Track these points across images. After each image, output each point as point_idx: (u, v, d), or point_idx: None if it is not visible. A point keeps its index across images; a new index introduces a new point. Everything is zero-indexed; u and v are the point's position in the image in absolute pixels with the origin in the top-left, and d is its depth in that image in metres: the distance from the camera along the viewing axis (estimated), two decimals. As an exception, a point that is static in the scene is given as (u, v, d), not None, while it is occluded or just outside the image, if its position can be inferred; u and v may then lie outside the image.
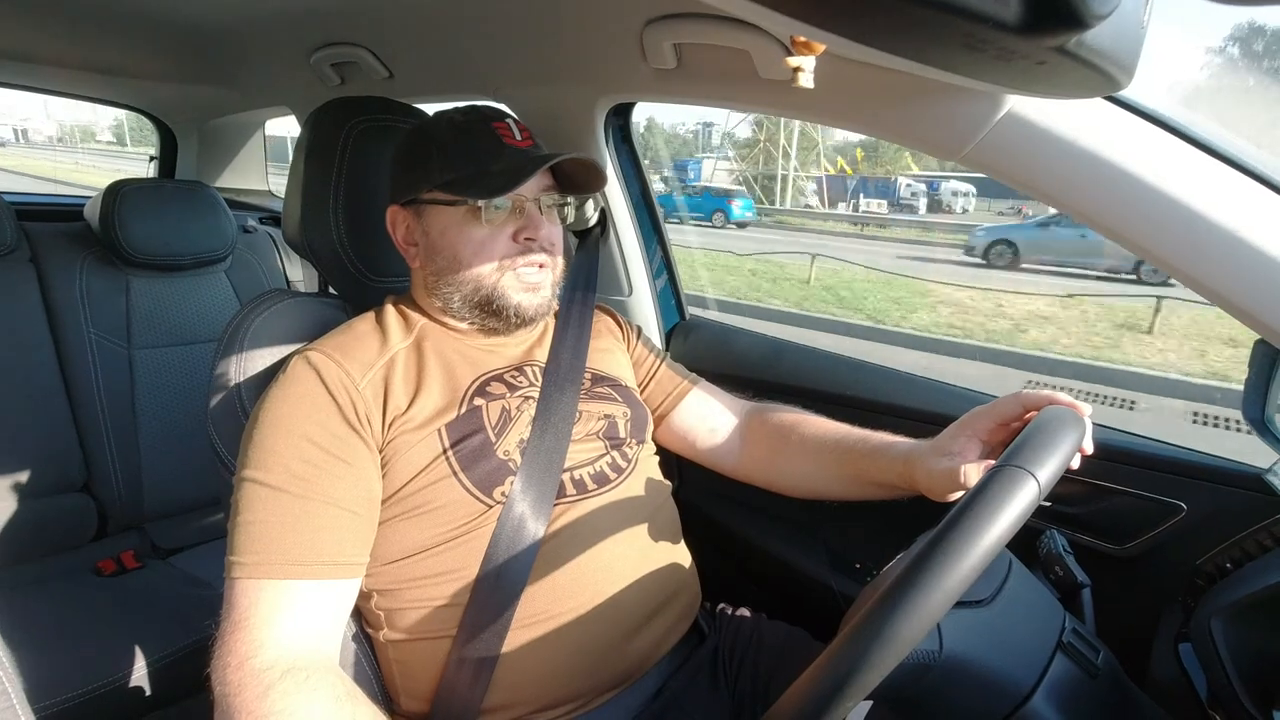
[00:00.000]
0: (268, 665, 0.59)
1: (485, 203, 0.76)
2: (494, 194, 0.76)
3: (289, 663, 0.60)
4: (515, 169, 0.76)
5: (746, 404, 1.01)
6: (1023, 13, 0.35)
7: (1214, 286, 0.65)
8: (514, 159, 0.78)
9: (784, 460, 0.92)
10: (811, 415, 0.94)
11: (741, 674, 0.86)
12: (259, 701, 0.57)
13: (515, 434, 0.77)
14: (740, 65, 0.86)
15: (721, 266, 10.19)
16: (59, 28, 1.48)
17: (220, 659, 0.60)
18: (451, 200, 0.78)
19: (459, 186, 0.77)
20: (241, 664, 0.59)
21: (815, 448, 0.89)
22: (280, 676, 0.59)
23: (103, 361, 1.53)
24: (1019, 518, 0.46)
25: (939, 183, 26.74)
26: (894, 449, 0.81)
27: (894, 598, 0.44)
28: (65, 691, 1.08)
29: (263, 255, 1.87)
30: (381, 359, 0.76)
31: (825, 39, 0.57)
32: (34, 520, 1.42)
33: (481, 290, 0.80)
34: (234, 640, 0.61)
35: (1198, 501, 0.82)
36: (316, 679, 0.61)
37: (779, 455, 0.93)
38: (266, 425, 0.69)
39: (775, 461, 0.93)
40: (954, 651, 0.54)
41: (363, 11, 1.19)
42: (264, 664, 0.59)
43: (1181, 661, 0.70)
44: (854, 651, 0.44)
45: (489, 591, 0.72)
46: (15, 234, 1.46)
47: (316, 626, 0.65)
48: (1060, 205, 0.71)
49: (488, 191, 0.76)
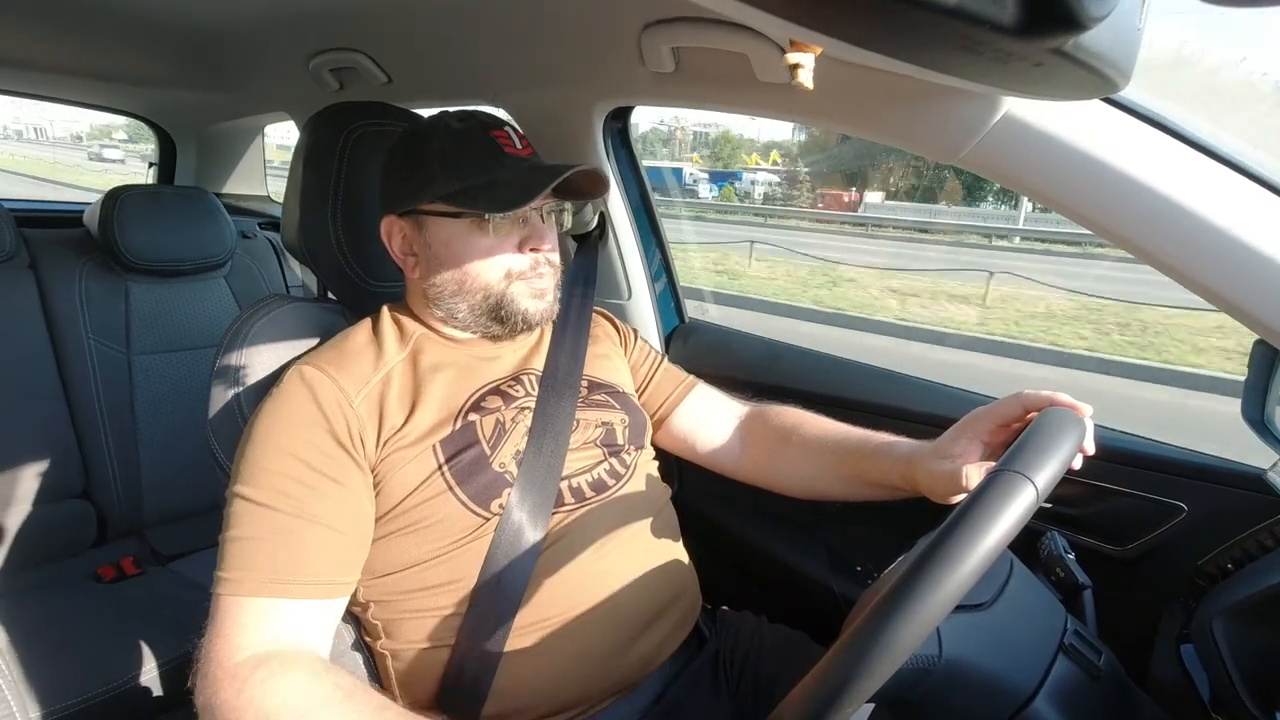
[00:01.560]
0: (246, 662, 0.60)
1: (491, 215, 0.76)
2: (506, 208, 0.74)
3: (265, 656, 0.60)
4: (523, 182, 0.75)
5: (746, 405, 1.01)
6: (1019, 15, 0.35)
7: (1212, 287, 0.65)
8: (518, 170, 0.77)
9: (784, 461, 0.92)
10: (812, 415, 0.94)
11: (743, 678, 0.86)
12: (237, 695, 0.57)
13: (511, 446, 0.77)
14: (738, 68, 0.86)
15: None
16: (57, 34, 1.48)
17: (201, 667, 0.60)
18: (456, 212, 0.77)
19: (465, 199, 0.76)
20: (220, 665, 0.59)
21: (816, 449, 0.89)
22: (255, 667, 0.59)
23: (102, 367, 1.53)
24: (1016, 524, 0.46)
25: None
26: (895, 450, 0.81)
27: (891, 605, 0.44)
28: (66, 698, 1.08)
29: (262, 261, 1.87)
30: (377, 374, 0.76)
31: (822, 42, 0.57)
32: (34, 526, 1.42)
33: (490, 299, 0.79)
34: (213, 649, 0.61)
35: (1198, 502, 0.82)
36: (291, 660, 0.61)
37: (779, 456, 0.92)
38: (258, 441, 0.69)
39: (776, 462, 0.93)
40: (954, 656, 0.53)
41: (361, 17, 1.19)
42: (242, 662, 0.60)
43: (1183, 662, 0.69)
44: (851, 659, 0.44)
45: (488, 601, 0.72)
46: (14, 240, 1.46)
47: (299, 639, 0.64)
48: (1058, 207, 0.71)
49: (498, 205, 0.74)
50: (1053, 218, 14.32)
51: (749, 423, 0.98)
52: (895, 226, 18.39)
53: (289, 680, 0.59)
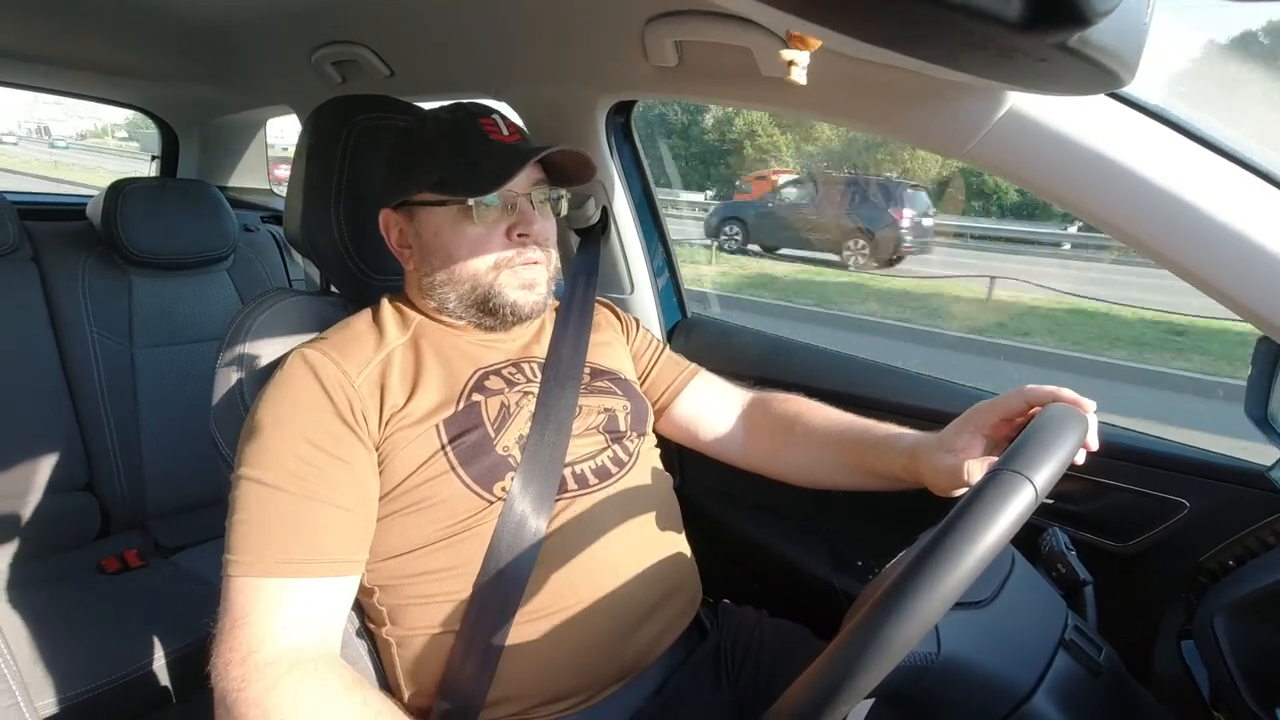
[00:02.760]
0: (272, 660, 0.60)
1: (476, 201, 0.76)
2: (482, 191, 0.75)
3: (295, 657, 0.61)
4: (502, 165, 0.76)
5: (749, 393, 1.01)
6: (1025, 10, 0.35)
7: (1217, 283, 0.64)
8: (501, 155, 0.77)
9: (787, 450, 0.92)
10: (816, 404, 0.93)
11: (743, 671, 0.86)
12: (267, 695, 0.57)
13: (515, 430, 0.77)
14: (742, 62, 0.86)
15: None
16: (60, 27, 1.48)
17: (220, 656, 0.60)
18: (442, 200, 0.78)
19: (447, 186, 0.77)
20: (244, 659, 0.59)
21: (820, 439, 0.89)
22: (288, 670, 0.59)
23: (105, 360, 1.53)
24: (1014, 524, 0.46)
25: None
26: (899, 442, 0.81)
27: (886, 605, 0.44)
28: (70, 690, 1.09)
29: (264, 254, 1.87)
30: (378, 355, 0.76)
31: (826, 36, 0.57)
32: (38, 519, 1.43)
33: (478, 290, 0.80)
34: (234, 638, 0.61)
35: (1200, 498, 0.82)
36: (325, 670, 0.61)
37: (782, 445, 0.92)
38: (263, 424, 0.69)
39: (778, 451, 0.93)
40: (952, 653, 0.53)
41: (364, 10, 1.19)
42: (268, 659, 0.60)
43: (1184, 659, 0.69)
44: (846, 658, 0.44)
45: (492, 587, 0.72)
46: (18, 233, 1.46)
47: (317, 622, 0.65)
48: (1063, 203, 0.71)
49: (475, 189, 0.76)
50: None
51: (751, 411, 0.98)
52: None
53: (324, 691, 0.60)
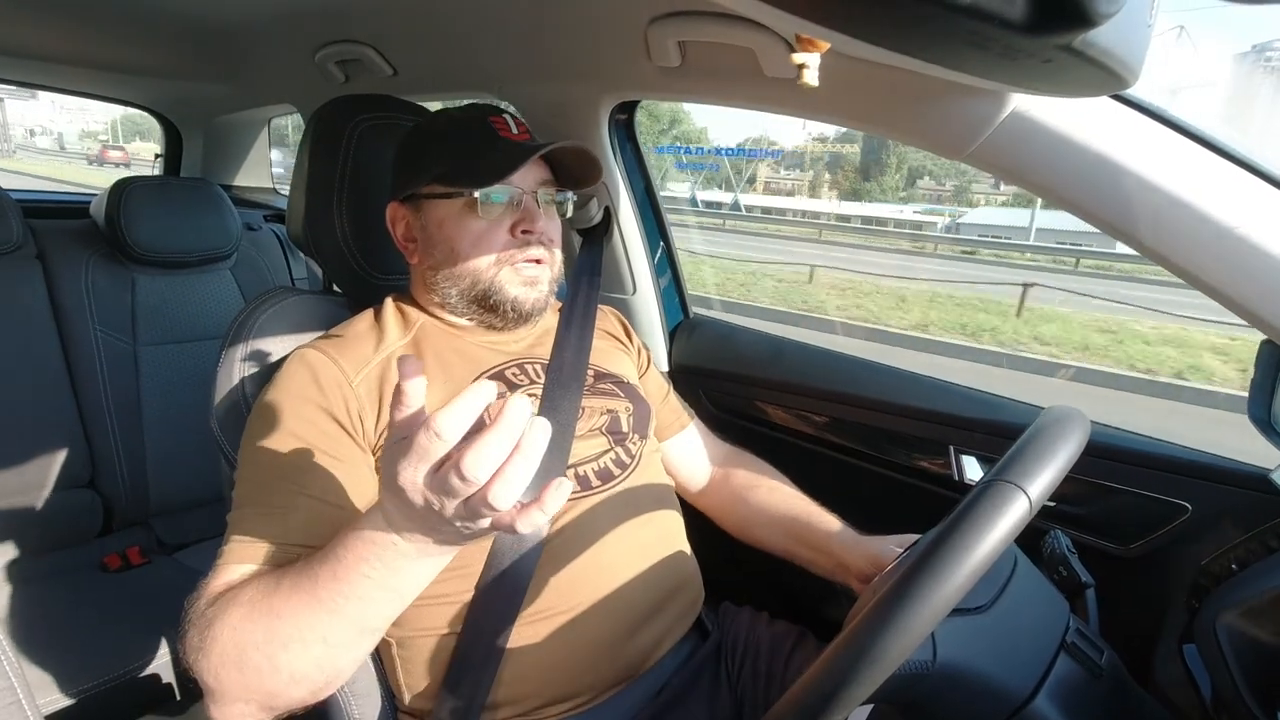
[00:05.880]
0: (205, 600, 0.59)
1: (482, 195, 0.77)
2: (487, 182, 0.76)
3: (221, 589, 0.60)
4: (508, 159, 0.77)
5: (723, 450, 1.07)
6: (1029, 11, 0.34)
7: (1220, 287, 0.64)
8: (508, 151, 0.78)
9: (737, 519, 1.01)
10: (770, 480, 1.00)
11: (744, 672, 0.86)
12: (199, 636, 0.56)
13: None
14: (745, 63, 0.86)
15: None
16: (64, 25, 1.49)
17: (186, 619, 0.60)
18: (448, 193, 0.78)
19: (453, 178, 0.78)
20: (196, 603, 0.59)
21: (765, 520, 0.97)
22: (212, 602, 0.58)
23: (108, 358, 1.53)
24: (1007, 536, 0.46)
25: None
26: (830, 544, 0.88)
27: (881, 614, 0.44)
28: (72, 686, 1.09)
29: (267, 253, 1.88)
30: (378, 357, 0.77)
31: (830, 37, 0.57)
32: (40, 516, 1.43)
33: (479, 284, 0.80)
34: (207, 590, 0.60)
35: (1203, 502, 0.82)
36: (239, 584, 0.59)
37: (733, 515, 1.02)
38: (261, 422, 0.70)
39: (730, 518, 1.02)
40: (949, 659, 0.53)
41: (367, 9, 1.19)
42: (204, 601, 0.59)
43: (1186, 662, 0.69)
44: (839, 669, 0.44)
45: (493, 588, 0.72)
46: (21, 231, 1.47)
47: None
48: (1065, 204, 0.70)
49: (481, 181, 0.76)
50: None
51: (716, 473, 1.05)
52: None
53: (239, 595, 0.57)
